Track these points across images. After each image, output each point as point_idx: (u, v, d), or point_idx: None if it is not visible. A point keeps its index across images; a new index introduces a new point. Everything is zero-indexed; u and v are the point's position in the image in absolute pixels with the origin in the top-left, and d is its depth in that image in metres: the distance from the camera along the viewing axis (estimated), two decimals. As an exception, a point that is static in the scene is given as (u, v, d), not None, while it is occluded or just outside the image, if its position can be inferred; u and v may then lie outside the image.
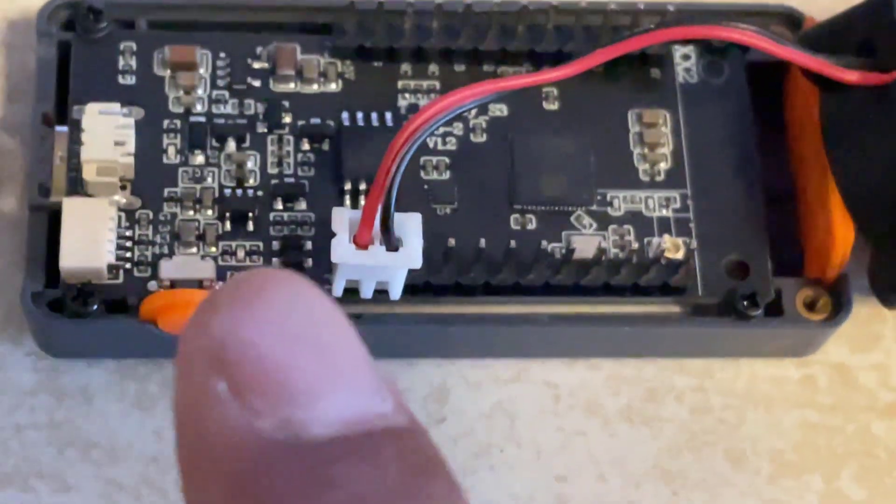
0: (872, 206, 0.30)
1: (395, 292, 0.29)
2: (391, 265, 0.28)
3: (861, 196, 0.30)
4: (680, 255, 0.30)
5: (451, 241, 0.29)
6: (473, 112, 0.32)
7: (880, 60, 0.29)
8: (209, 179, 0.31)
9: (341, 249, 0.28)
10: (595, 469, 0.31)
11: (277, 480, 0.18)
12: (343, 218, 0.28)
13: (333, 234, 0.28)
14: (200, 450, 0.19)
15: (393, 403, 0.19)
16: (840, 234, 0.30)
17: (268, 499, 0.18)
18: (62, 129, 0.30)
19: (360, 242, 0.28)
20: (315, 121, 0.31)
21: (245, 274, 0.19)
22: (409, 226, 0.28)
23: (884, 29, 0.29)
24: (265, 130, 0.31)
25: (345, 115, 0.31)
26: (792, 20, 0.33)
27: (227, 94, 0.31)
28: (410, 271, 0.29)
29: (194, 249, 0.30)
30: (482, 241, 0.29)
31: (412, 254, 0.28)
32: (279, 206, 0.30)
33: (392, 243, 0.28)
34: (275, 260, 0.30)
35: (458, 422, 0.31)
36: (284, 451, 0.18)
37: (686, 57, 0.33)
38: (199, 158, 0.31)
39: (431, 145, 0.31)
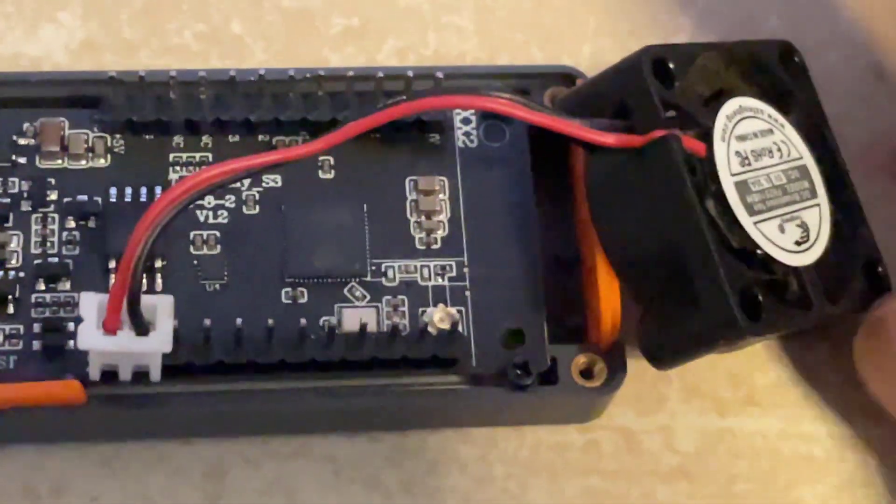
0: (635, 269, 0.29)
1: (155, 374, 0.29)
2: (140, 350, 0.28)
3: (625, 258, 0.30)
4: (446, 326, 0.30)
5: (207, 322, 0.29)
6: (246, 183, 0.31)
7: (636, 123, 0.29)
8: (-31, 262, 0.30)
9: (88, 336, 0.27)
10: (373, 545, 0.30)
11: None
12: (91, 302, 0.28)
13: (80, 320, 0.27)
14: None
15: None
16: (607, 298, 0.30)
17: None
18: None
19: (109, 327, 0.27)
20: (82, 197, 0.31)
21: None
22: (161, 308, 0.28)
23: (636, 92, 0.29)
24: (29, 209, 0.30)
25: (112, 190, 0.31)
26: (571, 81, 0.33)
27: (-10, 172, 0.31)
28: (169, 353, 0.28)
29: (-49, 335, 0.29)
30: (239, 321, 0.29)
31: (162, 338, 0.28)
32: (41, 287, 0.30)
33: (142, 327, 0.27)
34: (35, 342, 0.29)
35: (234, 500, 0.30)
36: None
37: (466, 121, 0.32)
38: (-40, 240, 0.30)
39: (202, 219, 0.31)
